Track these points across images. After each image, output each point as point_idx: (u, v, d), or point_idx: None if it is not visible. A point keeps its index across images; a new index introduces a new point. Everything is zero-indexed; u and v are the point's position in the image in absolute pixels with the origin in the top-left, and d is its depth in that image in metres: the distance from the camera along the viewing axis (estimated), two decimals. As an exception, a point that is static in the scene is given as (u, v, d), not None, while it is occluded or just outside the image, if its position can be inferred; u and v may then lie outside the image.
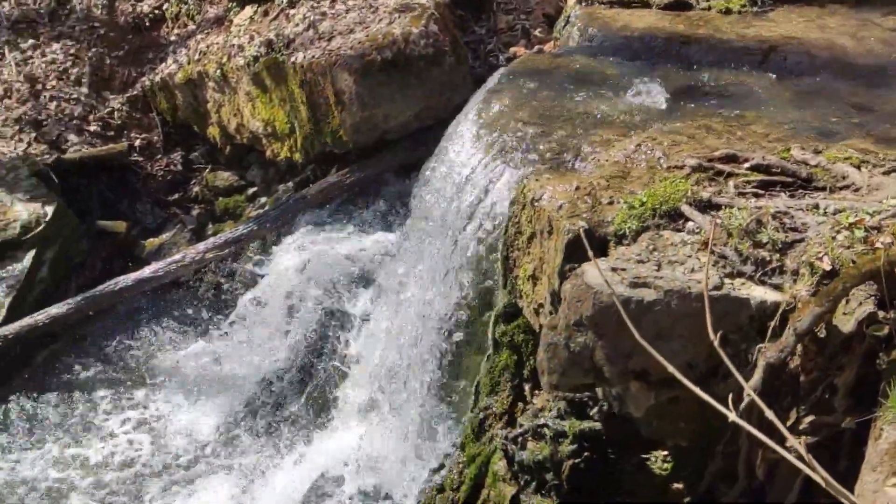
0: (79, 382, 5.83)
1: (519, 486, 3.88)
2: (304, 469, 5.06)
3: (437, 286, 4.55)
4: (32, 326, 5.82)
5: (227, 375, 5.80)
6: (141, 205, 7.15)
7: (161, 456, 5.34)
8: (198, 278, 6.66)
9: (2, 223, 6.14)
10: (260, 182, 7.01)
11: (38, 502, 4.99)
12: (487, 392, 4.26)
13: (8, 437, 5.41)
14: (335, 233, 5.81)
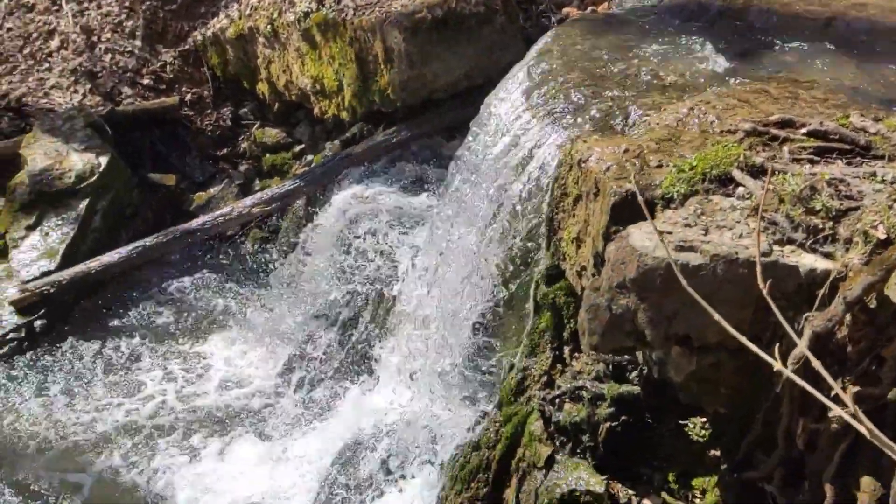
0: (128, 328, 6.00)
1: (555, 446, 3.90)
2: (342, 422, 5.14)
3: (480, 247, 4.56)
4: (85, 273, 6.01)
5: (272, 327, 5.90)
6: (190, 159, 7.27)
7: (202, 401, 5.48)
8: (244, 233, 6.78)
9: (58, 172, 6.31)
10: (307, 140, 7.07)
11: (91, 442, 5.16)
12: (526, 353, 4.27)
13: (61, 380, 5.59)
14: (380, 191, 5.84)
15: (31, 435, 5.17)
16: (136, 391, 5.55)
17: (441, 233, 4.79)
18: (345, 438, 4.95)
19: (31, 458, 5.02)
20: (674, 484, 3.56)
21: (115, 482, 4.91)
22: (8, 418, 5.28)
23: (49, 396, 5.45)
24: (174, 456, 5.11)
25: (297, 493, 4.85)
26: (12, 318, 5.84)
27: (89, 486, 4.87)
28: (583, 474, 3.72)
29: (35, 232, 6.17)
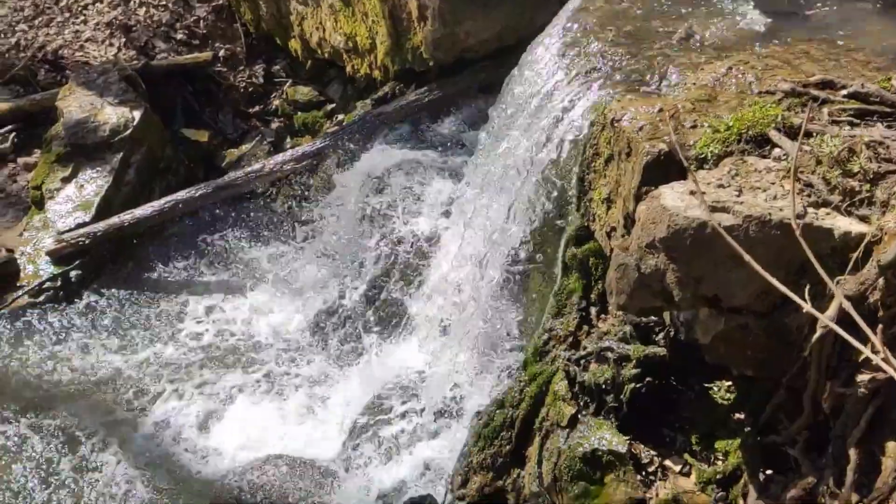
0: (160, 281, 6.10)
1: (578, 406, 3.93)
2: (370, 375, 5.21)
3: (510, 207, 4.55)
4: (119, 226, 6.10)
5: (301, 281, 5.97)
6: (223, 115, 7.31)
7: (232, 353, 5.58)
8: (275, 190, 6.82)
9: (92, 125, 6.38)
10: (339, 98, 7.07)
11: (124, 388, 5.29)
12: (553, 314, 4.28)
13: (95, 328, 5.72)
14: (411, 151, 5.84)
15: (69, 380, 5.31)
16: (168, 341, 5.66)
17: (472, 191, 4.79)
18: (372, 391, 5.02)
19: (68, 403, 5.16)
20: (696, 446, 3.58)
21: (147, 427, 5.04)
22: (45, 364, 5.42)
23: (83, 343, 5.58)
24: (202, 404, 5.22)
25: (324, 442, 4.95)
26: (49, 267, 5.97)
27: (122, 430, 5.00)
28: (606, 434, 3.75)
29: (70, 184, 6.28)
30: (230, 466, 4.82)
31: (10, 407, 5.09)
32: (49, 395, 5.22)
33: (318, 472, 4.76)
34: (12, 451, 4.86)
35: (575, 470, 3.74)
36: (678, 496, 3.44)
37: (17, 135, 6.80)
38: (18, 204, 6.52)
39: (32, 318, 5.71)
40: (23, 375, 5.34)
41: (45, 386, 5.27)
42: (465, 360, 4.91)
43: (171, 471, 4.81)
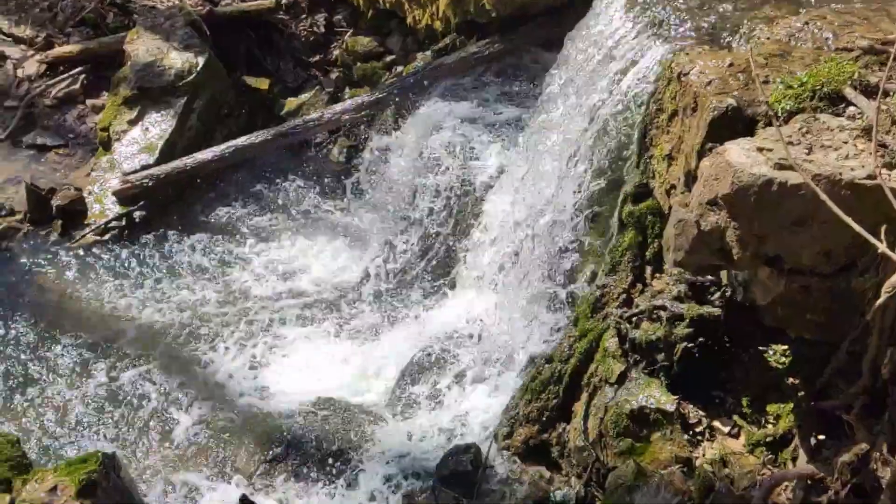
0: (218, 225, 6.21)
1: (628, 363, 3.92)
2: (420, 326, 5.27)
3: (568, 162, 4.51)
4: (181, 169, 6.23)
5: (354, 231, 6.04)
6: (284, 64, 7.35)
7: (285, 297, 5.68)
8: (332, 139, 6.87)
9: (158, 69, 6.50)
10: (398, 50, 7.03)
11: (181, 325, 5.45)
12: (606, 271, 4.26)
13: (156, 267, 5.88)
14: (470, 104, 5.80)
15: (129, 316, 5.50)
16: (224, 283, 5.79)
17: (531, 146, 4.75)
18: (422, 341, 5.09)
19: (127, 338, 5.35)
20: (746, 408, 3.55)
21: (203, 366, 5.20)
22: (108, 299, 5.61)
23: (143, 281, 5.76)
24: (255, 347, 5.35)
25: (372, 389, 5.04)
26: (114, 207, 6.14)
27: (179, 366, 5.18)
28: (654, 392, 3.74)
29: (136, 126, 6.42)
30: (282, 408, 4.95)
31: (75, 339, 5.30)
32: (110, 329, 5.41)
33: (366, 416, 4.87)
34: (76, 379, 5.06)
35: (621, 426, 3.76)
36: (725, 457, 3.43)
37: (86, 77, 6.97)
38: (87, 144, 6.70)
39: (98, 255, 5.90)
40: (87, 309, 5.54)
41: (107, 320, 5.47)
42: (515, 314, 4.93)
43: (225, 408, 4.96)
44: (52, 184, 6.30)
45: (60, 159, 6.63)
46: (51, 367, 5.11)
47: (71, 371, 5.11)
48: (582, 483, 3.96)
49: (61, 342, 5.26)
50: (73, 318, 5.44)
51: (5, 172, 6.44)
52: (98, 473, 3.98)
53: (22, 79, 7.01)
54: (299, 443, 4.72)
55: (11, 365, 5.10)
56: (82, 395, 4.98)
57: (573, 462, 4.10)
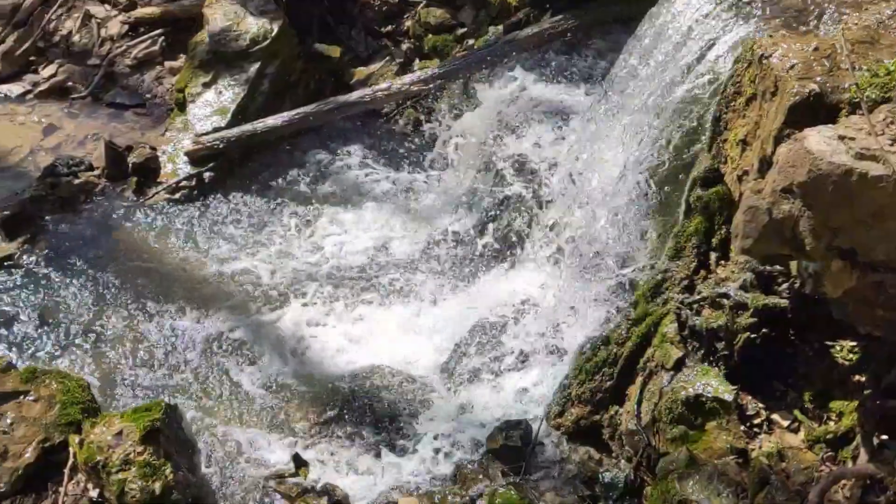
0: (283, 190, 6.31)
1: (686, 350, 3.88)
2: (477, 301, 5.29)
3: (638, 143, 4.44)
4: (251, 133, 6.35)
5: (418, 204, 6.08)
6: (355, 33, 7.37)
7: (344, 265, 5.75)
8: (399, 111, 6.89)
9: (234, 34, 6.61)
10: (470, 23, 6.99)
11: (242, 284, 5.58)
12: (670, 256, 4.20)
13: (222, 227, 6.02)
14: (540, 80, 5.75)
15: (197, 273, 5.65)
16: (286, 247, 5.88)
17: (600, 125, 4.69)
18: (478, 316, 5.11)
19: (193, 294, 5.51)
20: (808, 403, 3.48)
21: (264, 323, 5.33)
22: (177, 256, 5.78)
23: (210, 240, 5.90)
24: (317, 310, 5.45)
25: (425, 359, 5.09)
26: (186, 167, 6.31)
27: (243, 322, 5.32)
28: (712, 381, 3.70)
29: (210, 89, 6.56)
30: (339, 372, 5.05)
31: (145, 291, 5.48)
32: (179, 283, 5.57)
33: (419, 385, 4.94)
34: (144, 330, 5.24)
35: (676, 413, 3.73)
36: (782, 451, 3.37)
37: (165, 39, 7.14)
38: (163, 105, 6.88)
39: (169, 213, 6.07)
40: (157, 263, 5.72)
41: (176, 275, 5.63)
42: (574, 294, 4.90)
43: (285, 368, 5.08)
44: (129, 142, 6.49)
45: (137, 118, 6.83)
46: (121, 317, 5.30)
47: (140, 322, 5.29)
48: (632, 467, 3.95)
49: (132, 294, 5.45)
50: (144, 271, 5.63)
51: (86, 129, 6.67)
52: (161, 422, 4.14)
53: (105, 38, 7.22)
54: (353, 407, 4.82)
55: (84, 313, 5.31)
56: (149, 345, 5.16)
57: (624, 445, 4.09)
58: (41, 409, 4.29)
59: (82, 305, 5.36)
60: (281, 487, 4.38)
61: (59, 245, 5.73)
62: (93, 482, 4.02)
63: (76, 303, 5.37)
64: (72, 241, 5.77)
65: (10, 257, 5.56)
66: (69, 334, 5.18)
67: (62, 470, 4.07)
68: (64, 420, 4.27)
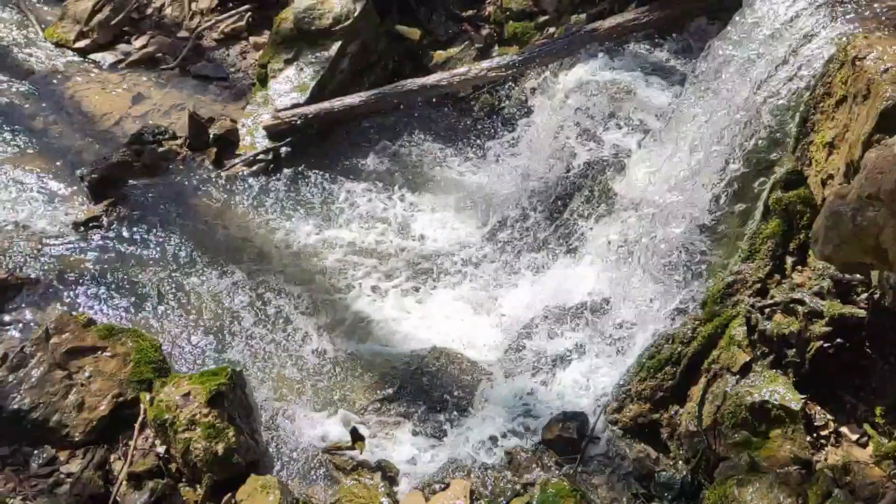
0: (354, 169, 6.39)
1: (754, 355, 3.79)
2: (540, 289, 5.27)
3: (717, 141, 4.34)
4: (329, 110, 6.45)
5: (487, 190, 6.08)
6: (436, 16, 7.38)
7: (411, 248, 5.81)
8: (474, 96, 6.89)
9: (318, 12, 6.71)
10: (553, 11, 6.92)
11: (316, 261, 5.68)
12: (743, 257, 4.11)
13: (295, 201, 6.14)
14: (620, 71, 5.66)
15: (267, 244, 5.80)
16: (354, 225, 5.98)
17: (678, 120, 4.60)
18: (541, 305, 5.09)
19: (263, 264, 5.65)
20: (879, 418, 3.37)
21: (331, 299, 5.43)
22: (249, 226, 5.94)
23: (281, 213, 6.03)
24: (381, 289, 5.53)
25: (486, 344, 5.11)
26: (264, 141, 6.45)
27: (312, 296, 5.42)
28: (779, 388, 3.61)
29: (292, 66, 6.68)
30: (400, 352, 5.11)
31: (218, 258, 5.65)
32: (251, 252, 5.72)
33: (477, 371, 4.95)
34: (215, 296, 5.40)
35: (739, 417, 3.66)
36: (848, 465, 3.27)
37: (252, 14, 7.30)
38: (245, 79, 7.05)
39: (245, 184, 6.23)
40: (231, 232, 5.89)
41: (248, 244, 5.79)
42: (639, 288, 4.84)
43: (349, 344, 5.16)
44: (211, 113, 6.68)
45: (220, 91, 7.01)
46: (192, 282, 5.48)
47: (210, 287, 5.46)
48: (689, 468, 3.89)
49: (206, 260, 5.62)
50: (219, 240, 5.80)
51: (172, 99, 6.89)
52: (226, 386, 4.29)
53: (195, 12, 7.43)
54: (411, 386, 4.87)
55: (160, 276, 5.50)
56: (217, 310, 5.31)
57: (682, 446, 4.03)
58: (116, 366, 4.49)
59: (158, 268, 5.56)
60: (336, 459, 4.48)
61: (141, 209, 5.96)
62: (160, 439, 4.19)
63: (152, 265, 5.57)
64: (152, 206, 5.99)
65: (96, 218, 5.80)
66: (144, 295, 5.38)
67: (132, 424, 4.26)
68: (136, 377, 4.46)
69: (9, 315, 5.10)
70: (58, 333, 4.53)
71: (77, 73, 7.13)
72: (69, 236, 5.69)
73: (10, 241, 5.58)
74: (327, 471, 4.46)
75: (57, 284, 5.35)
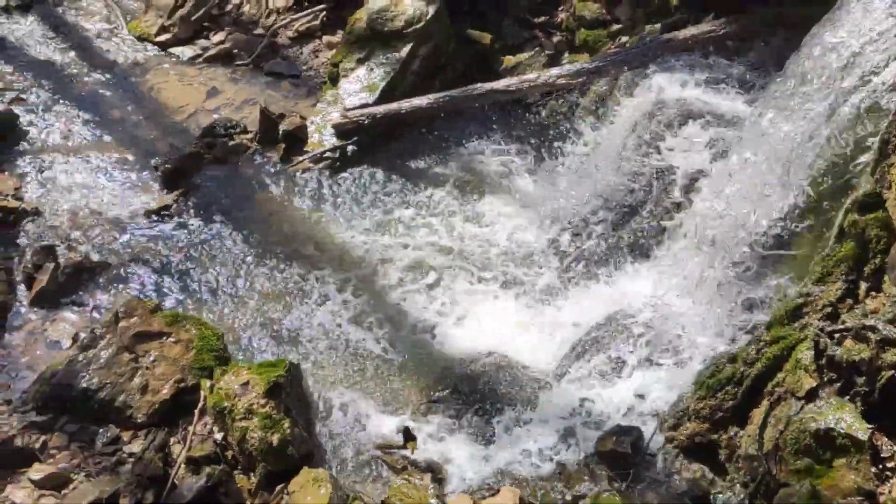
0: (419, 172, 6.43)
1: (821, 380, 3.68)
2: (600, 301, 5.22)
3: (792, 158, 4.22)
4: (396, 111, 6.50)
5: (552, 198, 6.05)
6: (507, 21, 7.38)
7: (471, 253, 5.80)
8: (542, 103, 6.86)
9: (391, 14, 6.78)
10: (626, 20, 6.84)
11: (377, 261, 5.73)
12: (814, 280, 3.98)
13: (359, 199, 6.22)
14: (692, 85, 5.56)
15: (330, 240, 5.88)
16: (415, 226, 6.01)
17: (753, 137, 4.49)
18: (600, 316, 5.04)
19: (324, 259, 5.73)
20: (953, 455, 3.22)
21: (391, 298, 5.47)
22: (315, 221, 6.04)
23: (346, 210, 6.11)
24: (437, 291, 5.54)
25: (543, 352, 5.08)
26: (331, 138, 6.55)
27: (372, 294, 5.48)
28: (846, 416, 3.49)
29: (363, 66, 6.76)
30: (455, 354, 5.11)
31: (282, 252, 5.76)
32: (313, 248, 5.81)
33: (532, 378, 4.93)
34: (277, 289, 5.50)
35: (802, 444, 3.55)
36: (916, 500, 3.15)
37: (326, 14, 7.43)
38: (316, 78, 7.17)
39: (311, 180, 6.34)
40: (295, 227, 5.99)
41: (311, 240, 5.87)
42: (702, 306, 4.75)
43: (405, 343, 5.20)
44: (282, 110, 6.82)
45: (292, 88, 7.15)
46: (255, 273, 5.59)
47: (271, 279, 5.56)
48: (747, 493, 3.80)
49: (270, 253, 5.73)
50: (282, 234, 5.91)
51: (245, 94, 7.06)
52: (284, 378, 4.37)
53: (271, 10, 7.60)
54: (465, 390, 4.88)
55: (224, 266, 5.63)
56: (277, 302, 5.41)
57: (741, 469, 3.94)
58: (180, 351, 4.61)
59: (223, 258, 5.69)
60: (387, 458, 4.51)
61: (210, 200, 6.12)
62: (218, 426, 4.29)
63: (218, 255, 5.71)
64: (220, 198, 6.15)
65: (167, 207, 5.98)
66: (208, 283, 5.51)
67: (192, 410, 4.36)
68: (198, 364, 4.57)
69: (82, 297, 5.30)
70: (127, 317, 4.67)
71: (156, 66, 7.37)
72: (141, 223, 5.88)
73: (87, 225, 5.80)
74: (378, 468, 4.49)
75: (128, 269, 5.53)
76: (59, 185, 6.11)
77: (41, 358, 4.86)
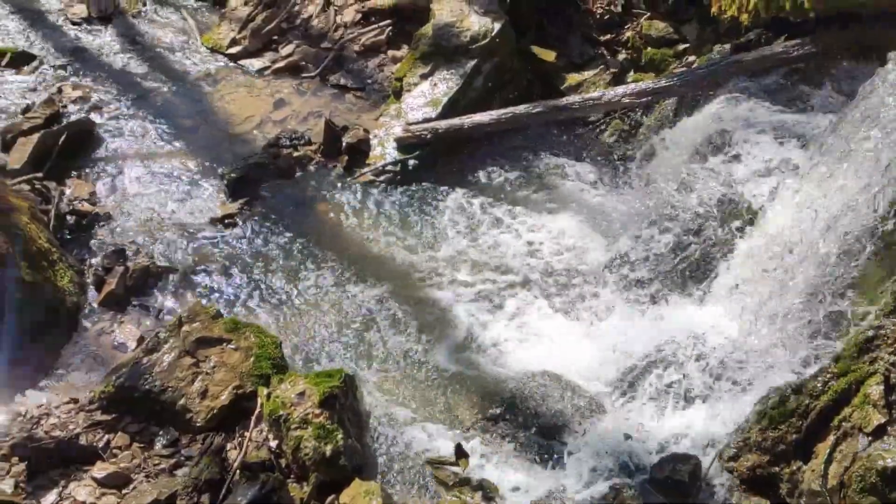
0: (478, 187, 6.44)
1: (890, 417, 3.55)
2: (656, 325, 5.12)
3: (864, 187, 4.09)
4: (458, 127, 6.54)
5: (610, 217, 5.99)
6: (573, 39, 7.38)
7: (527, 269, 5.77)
8: (606, 122, 6.82)
9: (456, 30, 6.83)
10: (694, 39, 6.77)
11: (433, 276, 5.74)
12: (886, 312, 3.85)
13: (418, 213, 6.25)
14: (762, 108, 5.43)
15: (388, 253, 5.93)
16: (475, 243, 6.01)
17: (824, 163, 4.37)
18: (654, 342, 4.94)
19: (382, 273, 5.77)
20: None
21: (446, 314, 5.46)
22: (374, 233, 6.09)
23: (406, 223, 6.16)
24: (494, 307, 5.51)
25: (598, 374, 5.01)
26: (393, 152, 6.62)
27: (425, 309, 5.49)
28: (917, 456, 3.35)
29: (427, 81, 6.82)
30: (509, 372, 5.07)
31: (340, 263, 5.81)
32: (372, 260, 5.86)
33: (585, 400, 4.85)
34: (333, 300, 5.56)
35: (868, 482, 3.44)
36: None
37: (392, 29, 7.53)
38: (381, 91, 7.26)
39: (372, 193, 6.40)
40: (354, 238, 6.05)
41: (370, 252, 5.93)
42: (764, 336, 4.62)
43: (459, 360, 5.18)
44: (345, 122, 6.92)
45: (356, 101, 7.26)
46: (315, 284, 5.66)
47: (329, 291, 5.62)
48: (809, 530, 3.67)
49: (328, 265, 5.80)
50: (342, 246, 5.98)
51: (310, 106, 7.19)
52: (339, 389, 4.41)
53: (339, 24, 7.74)
54: (518, 409, 4.83)
55: (284, 275, 5.73)
56: (335, 314, 5.46)
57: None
58: (239, 359, 4.70)
59: (283, 267, 5.78)
60: (439, 473, 4.50)
61: (273, 210, 6.22)
62: (273, 433, 4.35)
63: (279, 264, 5.80)
64: (283, 208, 6.25)
65: (232, 216, 6.12)
66: (269, 292, 5.61)
67: (249, 417, 4.44)
68: (256, 372, 4.65)
69: (148, 301, 5.46)
70: (189, 322, 4.78)
71: (226, 77, 7.56)
72: (206, 230, 6.02)
73: (155, 231, 5.97)
74: (428, 483, 4.49)
75: (192, 275, 5.67)
76: (130, 192, 6.31)
77: (108, 358, 5.01)
